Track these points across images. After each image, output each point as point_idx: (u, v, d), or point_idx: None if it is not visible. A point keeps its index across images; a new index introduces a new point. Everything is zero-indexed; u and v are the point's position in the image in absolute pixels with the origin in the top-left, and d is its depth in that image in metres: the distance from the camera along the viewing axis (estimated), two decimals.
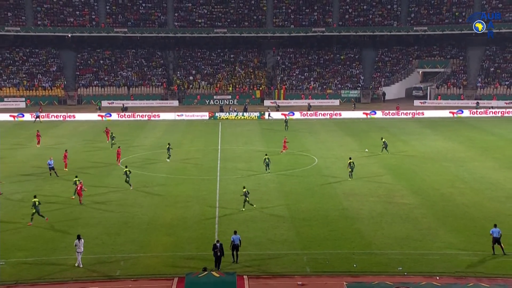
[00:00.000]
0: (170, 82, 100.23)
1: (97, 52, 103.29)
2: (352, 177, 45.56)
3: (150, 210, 38.20)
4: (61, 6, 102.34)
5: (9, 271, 28.28)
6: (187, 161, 53.72)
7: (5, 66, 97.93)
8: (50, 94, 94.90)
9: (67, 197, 40.78)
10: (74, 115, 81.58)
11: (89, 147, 59.96)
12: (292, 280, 27.68)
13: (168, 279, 27.37)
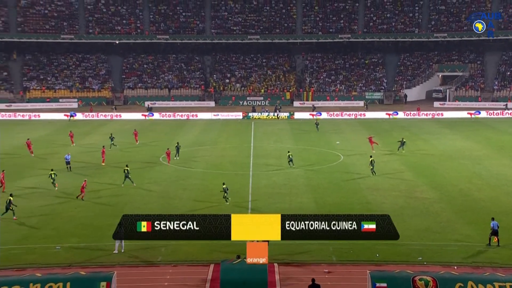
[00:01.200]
0: (207, 84, 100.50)
1: (141, 57, 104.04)
2: (375, 173, 45.08)
3: (189, 202, 38.32)
4: (110, 16, 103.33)
5: (64, 255, 28.79)
6: (223, 157, 53.81)
7: (60, 70, 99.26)
8: (99, 96, 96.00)
9: (114, 188, 41.09)
10: (120, 115, 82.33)
11: (133, 144, 60.37)
12: (319, 268, 27.51)
13: (205, 265, 27.43)
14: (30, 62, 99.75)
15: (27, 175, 45.47)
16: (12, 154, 53.62)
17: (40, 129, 69.83)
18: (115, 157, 52.20)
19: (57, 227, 32.92)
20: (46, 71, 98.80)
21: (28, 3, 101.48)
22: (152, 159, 52.28)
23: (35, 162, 49.90)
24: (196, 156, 53.93)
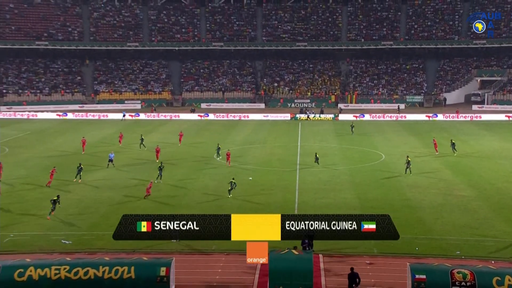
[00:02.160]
0: (258, 87, 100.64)
1: (198, 62, 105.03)
2: (410, 172, 44.08)
3: (240, 196, 38.32)
4: (171, 25, 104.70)
5: (128, 242, 28.78)
6: (271, 155, 53.76)
7: (126, 75, 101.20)
8: (160, 98, 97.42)
9: (173, 182, 41.56)
10: (178, 115, 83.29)
11: (190, 142, 60.98)
12: (361, 259, 27.15)
13: None
14: (100, 68, 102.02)
15: (97, 168, 46.42)
16: (85, 148, 54.89)
17: (108, 128, 71.34)
18: (172, 154, 52.77)
19: None
20: (114, 75, 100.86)
21: (99, 15, 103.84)
22: (208, 156, 52.64)
23: (103, 157, 50.84)
24: (247, 154, 54.05)
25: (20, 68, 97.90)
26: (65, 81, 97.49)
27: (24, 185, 40.68)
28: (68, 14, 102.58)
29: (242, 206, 35.85)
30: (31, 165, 46.74)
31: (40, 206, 35.30)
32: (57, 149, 55.52)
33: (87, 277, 22.52)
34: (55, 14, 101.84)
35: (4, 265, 22.54)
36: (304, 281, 22.81)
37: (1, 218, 32.44)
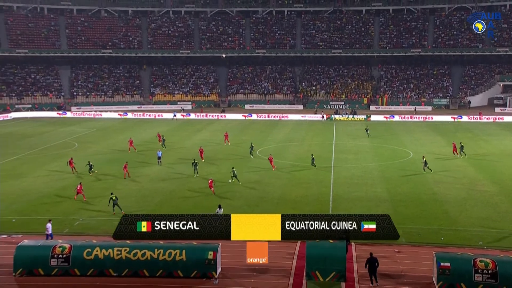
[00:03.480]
0: (296, 90, 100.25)
1: (243, 68, 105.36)
2: (431, 170, 42.80)
3: (280, 189, 38.36)
4: (219, 34, 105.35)
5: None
6: (308, 152, 53.39)
7: (178, 79, 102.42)
8: (208, 99, 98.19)
9: (220, 175, 41.87)
10: (225, 115, 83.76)
11: (236, 139, 61.27)
12: (390, 248, 26.77)
13: (292, 242, 27.14)
14: (156, 72, 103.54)
15: (153, 162, 47.18)
16: (141, 145, 55.87)
17: (162, 126, 72.34)
18: (219, 151, 53.09)
19: (176, 205, 33.91)
20: (168, 79, 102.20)
21: (156, 26, 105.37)
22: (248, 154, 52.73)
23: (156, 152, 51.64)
24: (286, 151, 53.96)
25: (88, 73, 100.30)
26: (126, 85, 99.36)
27: (91, 176, 41.62)
28: (129, 25, 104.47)
29: (282, 198, 35.84)
30: (97, 159, 47.80)
31: (104, 194, 36.10)
32: (118, 144, 56.66)
33: (144, 258, 22.96)
34: (119, 25, 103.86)
35: (74, 245, 23.21)
36: (337, 266, 22.72)
37: (72, 205, 33.37)
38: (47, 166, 43.30)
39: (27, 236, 27.21)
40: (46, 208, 32.79)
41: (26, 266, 23.00)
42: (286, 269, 24.37)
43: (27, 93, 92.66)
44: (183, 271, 22.99)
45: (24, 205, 33.41)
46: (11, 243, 25.85)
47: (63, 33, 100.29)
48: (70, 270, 22.98)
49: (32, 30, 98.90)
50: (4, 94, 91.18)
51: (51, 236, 25.45)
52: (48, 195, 35.35)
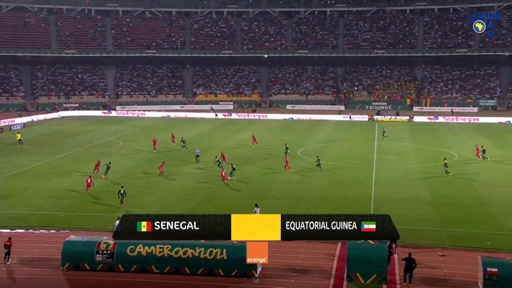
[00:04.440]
0: (338, 91, 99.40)
1: (284, 68, 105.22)
2: (449, 173, 41.54)
3: (320, 189, 38.13)
4: (261, 35, 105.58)
5: None
6: (350, 152, 52.99)
7: (220, 79, 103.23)
8: (250, 99, 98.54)
9: (260, 175, 41.96)
10: (266, 115, 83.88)
11: (277, 140, 61.24)
12: (433, 251, 26.21)
13: (333, 243, 27.09)
14: (198, 72, 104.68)
15: (193, 161, 47.69)
16: (180, 144, 56.54)
17: (204, 126, 73.10)
18: (261, 150, 53.20)
19: (217, 204, 34.17)
20: (210, 79, 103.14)
21: (199, 26, 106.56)
22: (291, 151, 52.57)
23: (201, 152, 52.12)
24: (327, 151, 53.57)
25: (132, 73, 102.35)
26: (169, 84, 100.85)
27: (134, 173, 42.46)
28: (173, 26, 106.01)
29: (322, 198, 35.63)
30: (140, 157, 48.69)
31: (147, 192, 36.79)
32: (161, 143, 57.55)
33: (186, 256, 23.26)
34: (162, 26, 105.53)
35: (119, 241, 23.72)
36: (379, 268, 22.43)
37: (116, 202, 34.10)
38: (92, 164, 44.36)
39: (73, 231, 28.02)
40: (91, 205, 33.67)
41: (73, 261, 23.69)
42: (327, 270, 24.20)
43: (74, 93, 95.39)
44: (223, 269, 23.18)
45: (70, 202, 34.40)
46: (59, 238, 26.67)
47: (109, 34, 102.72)
48: (114, 266, 23.52)
49: (80, 31, 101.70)
50: (53, 94, 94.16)
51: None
52: (93, 192, 36.28)
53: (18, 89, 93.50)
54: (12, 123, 71.30)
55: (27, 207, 33.07)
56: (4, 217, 31.06)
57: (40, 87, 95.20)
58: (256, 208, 29.43)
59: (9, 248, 24.32)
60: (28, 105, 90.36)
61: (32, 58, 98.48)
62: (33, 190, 37.13)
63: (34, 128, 70.06)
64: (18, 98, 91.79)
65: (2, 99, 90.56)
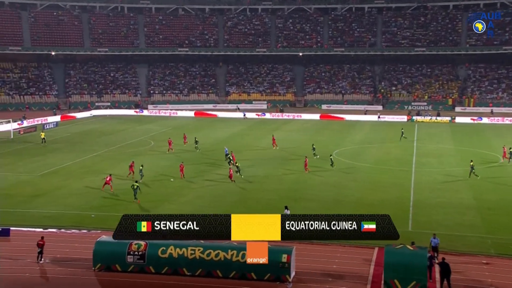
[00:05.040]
0: (375, 90, 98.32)
1: (320, 66, 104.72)
2: (477, 176, 40.53)
3: (357, 192, 37.78)
4: (296, 32, 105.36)
5: None
6: (388, 154, 52.33)
7: (254, 77, 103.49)
8: (284, 99, 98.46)
9: (294, 175, 41.82)
10: (300, 115, 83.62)
11: (311, 140, 60.84)
12: (477, 259, 25.59)
13: (370, 247, 26.84)
14: (231, 71, 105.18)
15: (224, 161, 47.91)
16: (214, 145, 56.92)
17: (237, 126, 73.35)
18: (296, 150, 53.07)
19: (250, 206, 34.16)
20: (243, 78, 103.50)
21: (233, 23, 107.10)
22: (327, 153, 52.21)
23: (235, 152, 52.22)
24: (365, 153, 53.04)
25: (164, 71, 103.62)
26: (201, 83, 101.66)
27: (165, 174, 42.86)
28: (206, 23, 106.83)
29: (359, 201, 35.27)
30: (171, 157, 49.17)
31: (179, 193, 37.15)
32: (192, 143, 57.94)
33: (218, 259, 23.35)
34: (195, 24, 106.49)
35: (150, 243, 24.00)
36: (418, 275, 22.02)
37: (146, 203, 34.58)
38: (124, 164, 45.09)
39: (105, 232, 28.48)
40: (123, 205, 34.18)
41: (105, 261, 24.09)
42: (363, 276, 23.94)
43: (106, 91, 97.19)
44: (256, 273, 23.16)
45: (102, 202, 35.03)
46: (90, 238, 27.18)
47: (142, 31, 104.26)
48: (146, 268, 23.81)
49: (113, 29, 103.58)
50: (85, 92, 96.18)
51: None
52: (125, 192, 36.84)
53: (51, 87, 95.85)
54: (45, 122, 73.12)
55: (59, 207, 33.83)
56: (37, 216, 31.89)
57: (72, 86, 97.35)
58: (286, 211, 29.38)
59: (42, 247, 24.94)
60: (61, 103, 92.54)
61: (65, 56, 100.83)
62: (65, 190, 37.96)
63: (66, 127, 71.69)
64: (51, 96, 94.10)
65: (35, 97, 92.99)
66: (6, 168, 45.10)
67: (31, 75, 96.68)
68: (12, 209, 33.16)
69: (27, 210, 33.03)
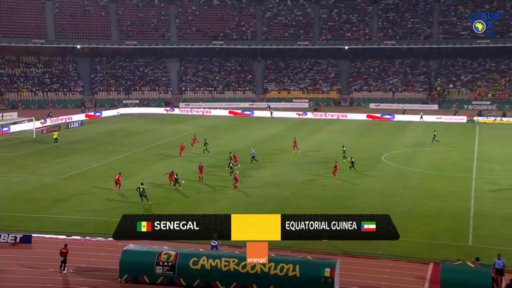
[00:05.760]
0: (431, 88, 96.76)
1: (368, 61, 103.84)
2: None
3: (409, 200, 37.22)
4: (342, 24, 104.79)
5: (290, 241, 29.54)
6: (444, 159, 51.41)
7: (295, 73, 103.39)
8: (327, 97, 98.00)
9: (339, 181, 41.51)
10: (346, 115, 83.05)
11: (357, 142, 60.46)
12: None
13: (424, 263, 26.43)
14: (270, 66, 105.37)
15: (264, 165, 47.91)
16: (252, 146, 57.00)
17: (274, 126, 73.36)
18: (340, 154, 52.69)
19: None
20: (283, 74, 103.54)
21: (272, 14, 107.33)
22: (375, 157, 51.77)
23: (273, 155, 52.30)
24: (417, 157, 52.27)
25: (197, 66, 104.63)
26: (237, 79, 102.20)
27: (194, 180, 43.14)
28: (243, 14, 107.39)
29: (411, 211, 34.74)
30: (203, 160, 49.46)
31: (213, 198, 37.39)
32: (228, 145, 58.32)
33: (254, 271, 23.38)
34: (231, 14, 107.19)
35: (180, 252, 24.23)
36: None
37: (179, 208, 34.93)
38: (153, 166, 45.71)
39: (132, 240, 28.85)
40: (153, 211, 34.61)
41: (132, 272, 24.42)
42: None
43: (135, 88, 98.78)
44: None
45: (130, 208, 35.53)
46: (117, 247, 27.61)
47: (173, 23, 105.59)
48: (176, 280, 24.03)
49: (142, 20, 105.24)
50: (112, 89, 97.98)
51: (216, 248, 26.53)
52: (155, 197, 37.31)
53: (76, 83, 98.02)
54: (70, 120, 74.84)
55: (84, 212, 34.53)
56: (60, 222, 32.61)
57: (99, 82, 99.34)
58: None
59: (65, 256, 25.45)
60: (86, 101, 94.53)
61: (91, 49, 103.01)
62: (90, 194, 38.72)
63: (92, 126, 73.18)
64: (76, 93, 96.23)
65: (59, 94, 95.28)
66: (28, 170, 46.34)
67: (55, 70, 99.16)
68: (34, 214, 34.04)
69: (49, 216, 33.82)
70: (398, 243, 28.65)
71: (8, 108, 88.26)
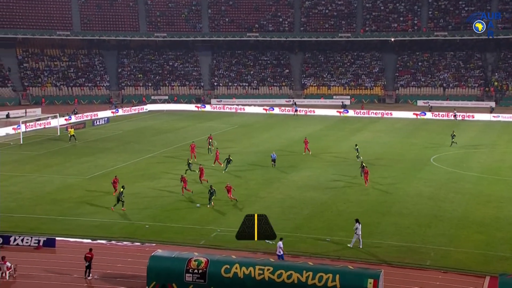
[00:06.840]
0: (487, 83, 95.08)
1: (416, 54, 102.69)
2: None
3: (461, 206, 36.65)
4: (387, 13, 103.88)
5: (333, 247, 29.63)
6: (501, 162, 50.51)
7: (336, 68, 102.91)
8: (371, 93, 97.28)
9: (383, 185, 41.20)
10: (391, 113, 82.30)
11: (403, 143, 59.83)
12: None
13: (479, 276, 25.97)
14: (308, 60, 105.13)
15: (300, 166, 47.86)
16: (290, 146, 57.01)
17: (315, 124, 73.12)
18: (387, 155, 52.27)
19: (327, 220, 34.01)
20: (323, 68, 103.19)
21: (311, 4, 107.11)
22: (423, 158, 51.17)
23: (307, 156, 52.17)
24: (471, 159, 51.48)
25: (231, 60, 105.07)
26: (273, 74, 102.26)
27: (231, 179, 43.30)
28: (279, 4, 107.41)
29: (464, 218, 34.26)
30: (236, 160, 49.56)
31: (246, 201, 37.46)
32: (263, 144, 58.40)
33: (291, 281, 23.32)
34: (267, 4, 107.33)
35: (211, 259, 24.36)
36: None
37: (209, 213, 35.16)
38: (182, 167, 46.05)
39: (161, 245, 29.22)
40: (181, 215, 34.94)
41: (160, 279, 24.63)
42: None
43: (164, 83, 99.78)
44: None
45: (157, 211, 35.93)
46: (144, 252, 27.95)
47: (205, 14, 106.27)
48: None
49: (172, 10, 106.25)
50: (140, 84, 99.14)
51: (281, 258, 26.76)
52: (184, 200, 37.62)
53: (102, 78, 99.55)
54: (96, 117, 76.05)
55: (110, 215, 35.03)
56: (85, 225, 33.16)
57: (126, 76, 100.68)
58: (358, 224, 29.13)
59: (90, 261, 25.85)
60: (113, 96, 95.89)
61: (118, 42, 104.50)
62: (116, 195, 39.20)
63: (118, 123, 74.20)
64: (102, 88, 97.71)
65: (84, 89, 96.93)
66: (53, 169, 47.28)
67: (80, 63, 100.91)
68: (58, 216, 34.70)
69: (74, 218, 34.43)
70: (448, 253, 28.58)
71: (32, 103, 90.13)
